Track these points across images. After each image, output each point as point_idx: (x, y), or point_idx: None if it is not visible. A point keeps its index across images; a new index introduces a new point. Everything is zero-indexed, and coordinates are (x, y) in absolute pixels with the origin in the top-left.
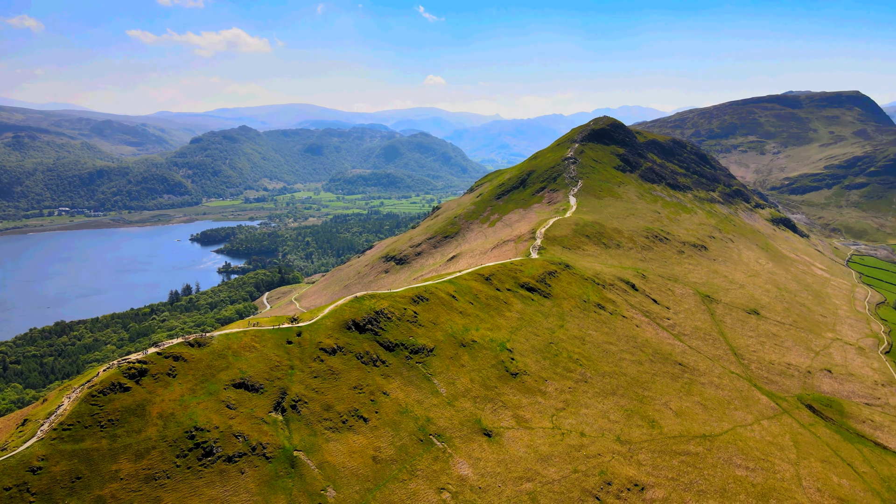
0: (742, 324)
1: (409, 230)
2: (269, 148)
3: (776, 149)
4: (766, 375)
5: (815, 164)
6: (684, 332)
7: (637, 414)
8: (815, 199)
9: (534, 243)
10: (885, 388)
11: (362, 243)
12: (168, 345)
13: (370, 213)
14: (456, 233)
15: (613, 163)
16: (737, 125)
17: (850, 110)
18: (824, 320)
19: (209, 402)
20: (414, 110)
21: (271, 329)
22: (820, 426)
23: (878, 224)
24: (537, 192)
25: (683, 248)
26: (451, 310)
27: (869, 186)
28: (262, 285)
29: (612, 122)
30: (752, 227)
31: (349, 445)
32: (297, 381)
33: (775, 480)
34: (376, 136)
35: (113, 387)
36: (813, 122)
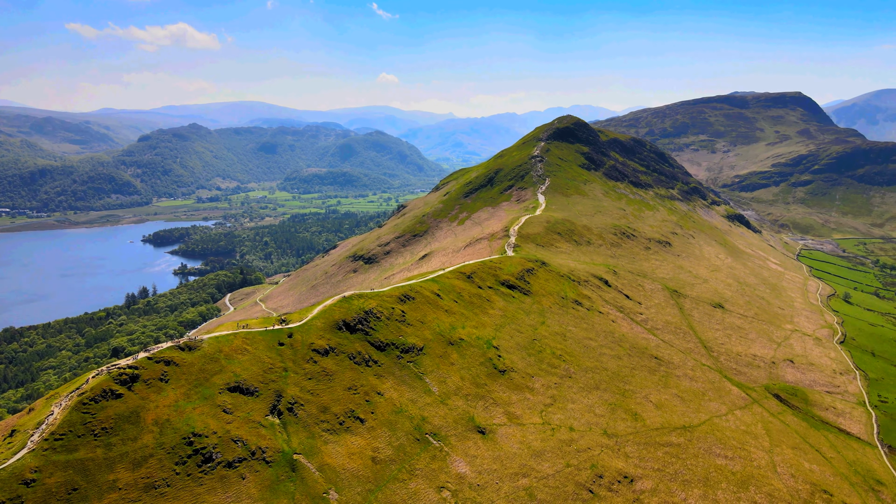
0: (709, 317)
1: (376, 229)
2: (221, 146)
3: (726, 147)
4: (734, 367)
5: (763, 162)
6: (657, 326)
7: (620, 407)
8: (764, 196)
9: (508, 241)
10: (843, 377)
11: (322, 243)
12: (158, 349)
13: (328, 212)
14: (425, 231)
15: (578, 161)
16: (688, 124)
17: (793, 110)
18: (782, 312)
19: (205, 407)
20: (367, 108)
21: (262, 331)
22: (788, 414)
23: (823, 220)
24: (505, 190)
25: (649, 245)
26: (437, 308)
27: (813, 184)
28: (224, 286)
29: (575, 120)
30: (710, 223)
31: (348, 447)
32: (292, 383)
33: (753, 468)
34: (331, 135)
35: (104, 394)
36: (759, 121)
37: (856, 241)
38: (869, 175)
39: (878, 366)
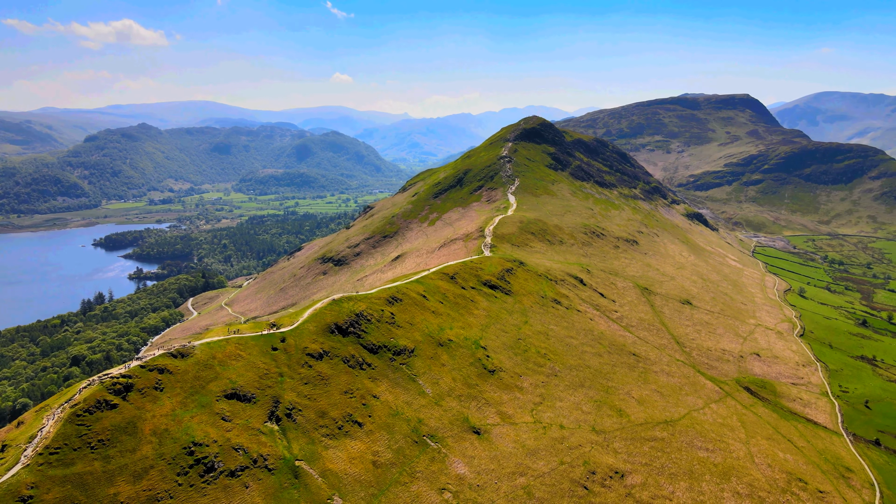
0: (678, 314)
1: (343, 230)
2: (172, 147)
3: (680, 148)
4: (706, 361)
5: (716, 162)
6: (631, 323)
7: (605, 404)
8: (717, 194)
9: (484, 241)
10: (806, 369)
11: (283, 245)
12: (150, 357)
13: (286, 213)
14: (395, 232)
15: (545, 161)
16: (644, 125)
17: (742, 112)
18: (745, 308)
19: (203, 415)
20: (321, 109)
21: (254, 336)
22: (759, 406)
23: (774, 217)
24: (475, 190)
25: (618, 244)
26: (424, 310)
27: (764, 183)
28: (186, 291)
29: (541, 121)
30: (672, 222)
31: (348, 451)
32: (289, 388)
33: (732, 459)
34: (286, 135)
35: (98, 404)
36: (711, 122)
37: (805, 237)
38: (815, 174)
39: (837, 357)
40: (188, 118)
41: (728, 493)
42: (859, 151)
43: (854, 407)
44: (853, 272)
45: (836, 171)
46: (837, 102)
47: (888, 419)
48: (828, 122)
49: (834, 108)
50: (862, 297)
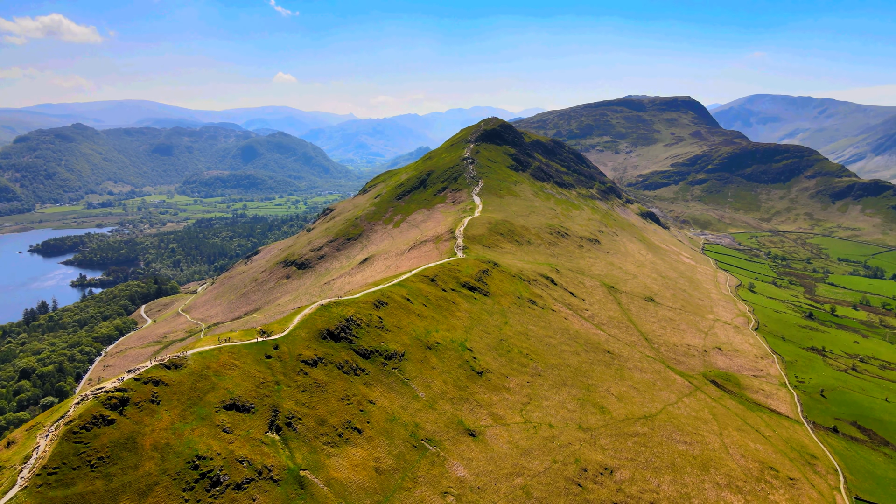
0: (644, 311)
1: (303, 233)
2: (110, 148)
3: (628, 148)
4: (673, 357)
5: (663, 162)
6: (602, 321)
7: (588, 402)
8: (665, 194)
9: (456, 243)
10: (764, 361)
11: (235, 248)
12: (143, 369)
13: (235, 216)
14: (359, 235)
15: (507, 162)
16: (593, 126)
17: (685, 113)
18: (703, 304)
19: (204, 428)
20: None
21: (246, 344)
22: (726, 399)
23: (719, 215)
24: (439, 191)
25: (582, 243)
26: (409, 313)
27: (708, 182)
28: (138, 297)
29: (501, 123)
30: (627, 221)
31: (350, 459)
32: (286, 396)
33: (709, 451)
34: (231, 136)
35: (95, 420)
36: (656, 123)
37: (748, 234)
38: (756, 174)
39: (790, 349)
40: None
41: (708, 484)
42: (795, 152)
43: (811, 396)
44: (795, 267)
45: (775, 170)
46: (769, 104)
47: (843, 407)
48: (760, 123)
49: (766, 109)
50: (805, 291)
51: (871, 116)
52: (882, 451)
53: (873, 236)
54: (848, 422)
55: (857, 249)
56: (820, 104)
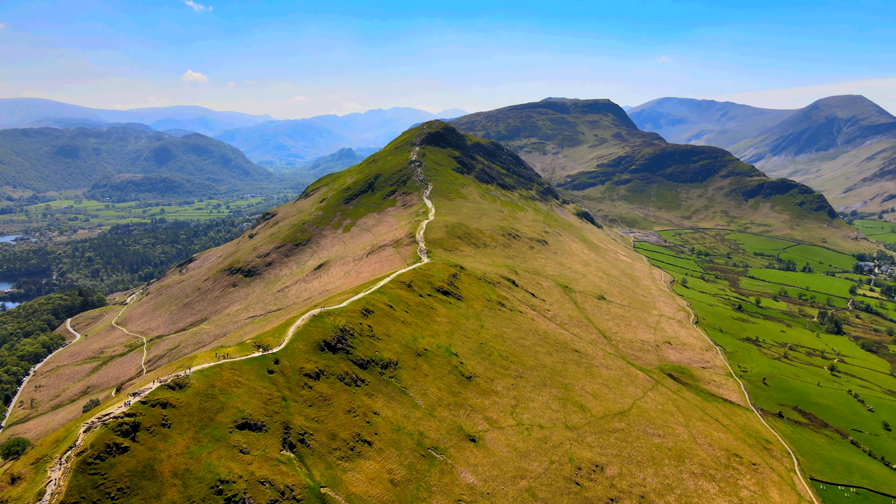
0: (598, 309)
1: (244, 238)
2: (6, 150)
3: (555, 149)
4: (631, 353)
5: (589, 163)
6: (564, 321)
7: (569, 401)
8: (593, 193)
9: (419, 247)
10: (709, 353)
11: (159, 256)
12: (148, 391)
13: (154, 222)
14: (307, 240)
15: (452, 165)
16: (520, 128)
17: (605, 116)
18: (647, 300)
19: (220, 450)
20: (176, 109)
21: (247, 359)
22: (684, 391)
23: (644, 214)
24: (388, 195)
25: (532, 244)
26: (395, 320)
27: (632, 182)
28: (62, 311)
29: (444, 125)
30: (567, 221)
31: (365, 472)
32: (295, 412)
33: (681, 442)
34: (142, 137)
35: (108, 449)
36: (580, 125)
37: (672, 231)
38: (675, 174)
39: (729, 341)
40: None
41: (686, 474)
42: (710, 153)
43: (755, 384)
44: (717, 262)
45: (693, 170)
46: (677, 107)
47: (783, 393)
48: (669, 124)
49: (674, 112)
50: (730, 285)
51: (767, 119)
52: (823, 433)
53: (783, 231)
54: (790, 407)
55: (769, 244)
56: (722, 107)
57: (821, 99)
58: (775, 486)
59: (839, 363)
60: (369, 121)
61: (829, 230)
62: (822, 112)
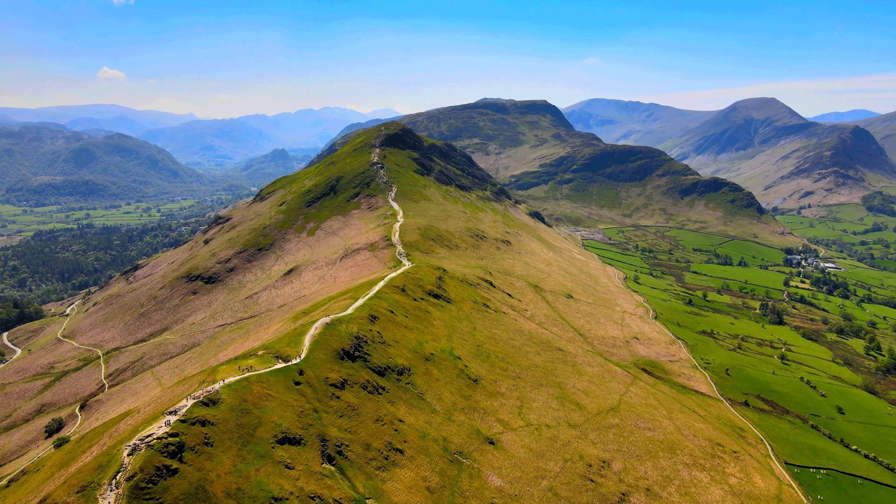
0: (568, 307)
1: (198, 244)
2: None
3: (498, 150)
4: (606, 349)
5: (532, 163)
6: (542, 320)
7: (565, 399)
8: (537, 193)
9: (397, 250)
10: (674, 347)
11: (92, 263)
12: (184, 408)
13: (81, 227)
14: (270, 244)
15: (412, 167)
16: (462, 128)
17: (544, 116)
18: (608, 297)
19: (267, 466)
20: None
21: (271, 371)
22: (660, 384)
23: (587, 213)
24: (352, 198)
25: (499, 245)
26: (398, 325)
27: (574, 182)
28: None
29: (402, 127)
30: (522, 221)
31: (402, 481)
32: (328, 423)
33: (669, 435)
34: (59, 137)
35: (159, 472)
36: (520, 126)
37: (616, 229)
38: (615, 173)
39: (687, 334)
40: None
41: (679, 465)
42: (647, 153)
43: (719, 375)
44: (661, 258)
45: (632, 169)
46: (605, 108)
47: (745, 383)
48: (598, 125)
49: (602, 113)
50: (676, 280)
51: (690, 120)
52: (786, 419)
53: (717, 227)
54: (754, 395)
55: (706, 240)
56: (647, 108)
57: (738, 101)
58: (757, 471)
59: (787, 352)
60: (300, 121)
61: (759, 226)
62: (739, 114)
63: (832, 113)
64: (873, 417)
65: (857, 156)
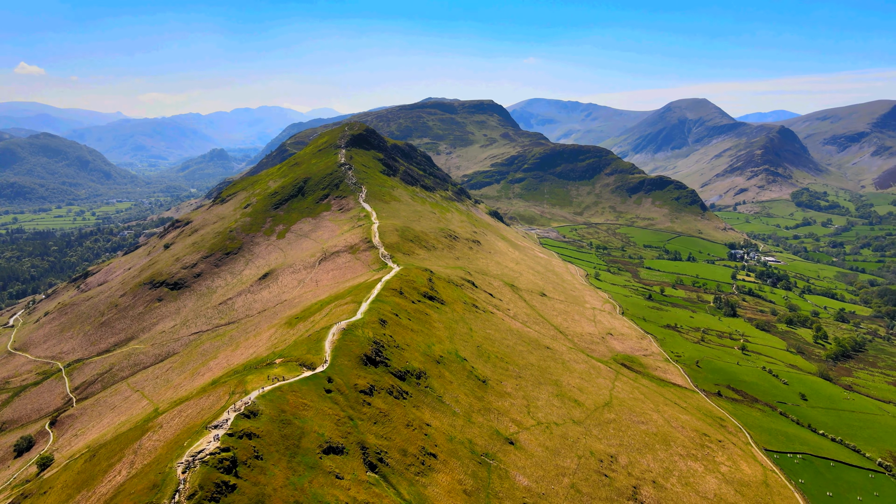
0: (544, 305)
1: (159, 248)
2: None
3: (448, 150)
4: (586, 346)
5: (483, 162)
6: (525, 319)
7: (564, 397)
8: (490, 192)
9: (380, 252)
10: (645, 341)
11: (28, 271)
12: (227, 421)
13: (10, 232)
14: (239, 248)
15: (379, 167)
16: (412, 128)
17: (491, 116)
18: (576, 294)
19: (318, 478)
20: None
21: (301, 379)
22: (640, 378)
23: (540, 211)
24: (321, 199)
25: (471, 245)
26: (405, 328)
27: (526, 181)
28: None
29: (366, 127)
30: (485, 220)
31: (441, 486)
32: (365, 431)
33: (661, 428)
34: None
35: (219, 489)
36: (468, 125)
37: (569, 227)
38: (565, 172)
39: (654, 328)
40: None
41: (676, 456)
42: (595, 152)
43: (691, 368)
44: (615, 254)
45: (581, 168)
46: (546, 108)
47: (715, 374)
48: (540, 124)
49: (543, 112)
50: (632, 276)
51: (627, 120)
52: (757, 407)
53: (665, 224)
54: (724, 386)
55: (655, 236)
56: (586, 108)
57: (672, 101)
58: (742, 459)
59: (746, 343)
60: (237, 120)
61: (703, 222)
62: (674, 114)
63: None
64: (833, 403)
65: (784, 154)
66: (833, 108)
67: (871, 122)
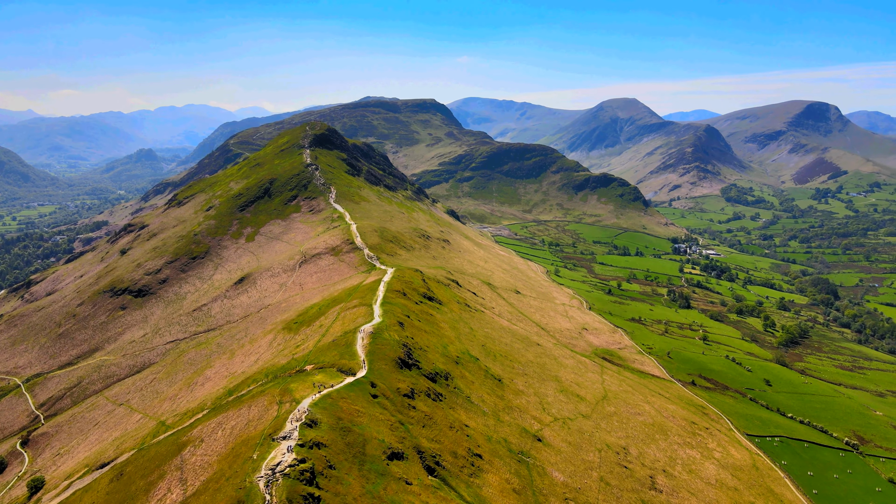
0: (521, 302)
1: (114, 253)
2: None
3: (395, 149)
4: (568, 341)
5: (431, 161)
6: (509, 317)
7: (568, 392)
8: (439, 192)
9: (365, 253)
10: (617, 335)
11: None
12: (294, 431)
13: None
14: (206, 252)
15: (343, 168)
16: (357, 127)
17: (435, 115)
18: (545, 291)
19: (392, 485)
20: None
21: (346, 386)
22: (623, 371)
23: (490, 210)
24: (290, 200)
25: (443, 245)
26: (419, 330)
27: (474, 179)
28: None
29: (328, 127)
30: (446, 220)
31: (493, 486)
32: (417, 435)
33: (656, 418)
34: None
35: (306, 500)
36: (413, 125)
37: (520, 225)
38: (513, 170)
39: (620, 322)
40: None
41: (675, 445)
42: (541, 151)
43: (663, 359)
44: (567, 251)
45: (528, 167)
46: (481, 106)
47: (686, 364)
48: (476, 123)
49: (479, 111)
50: (588, 272)
51: (561, 119)
52: (729, 394)
53: (611, 220)
54: (696, 375)
55: (603, 232)
56: (520, 107)
57: (604, 101)
58: (730, 444)
59: (706, 333)
60: (162, 119)
61: (647, 218)
62: (606, 113)
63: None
64: (794, 387)
65: (712, 152)
66: (751, 108)
67: (786, 121)
